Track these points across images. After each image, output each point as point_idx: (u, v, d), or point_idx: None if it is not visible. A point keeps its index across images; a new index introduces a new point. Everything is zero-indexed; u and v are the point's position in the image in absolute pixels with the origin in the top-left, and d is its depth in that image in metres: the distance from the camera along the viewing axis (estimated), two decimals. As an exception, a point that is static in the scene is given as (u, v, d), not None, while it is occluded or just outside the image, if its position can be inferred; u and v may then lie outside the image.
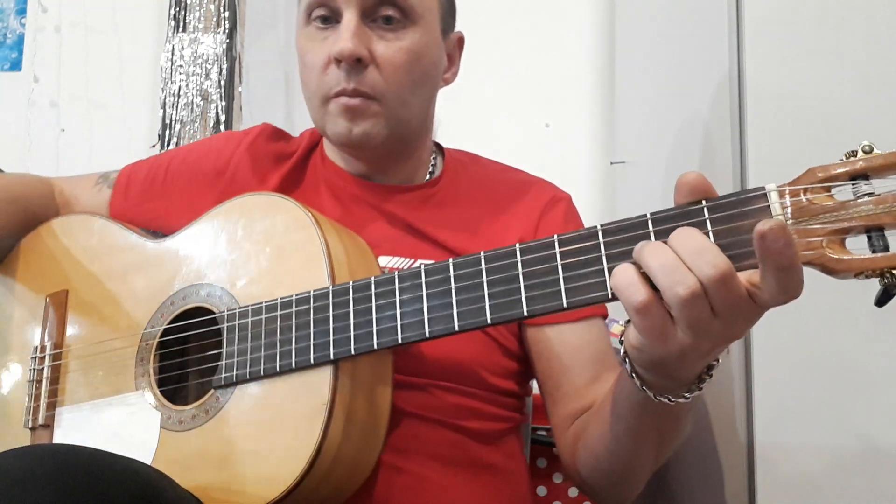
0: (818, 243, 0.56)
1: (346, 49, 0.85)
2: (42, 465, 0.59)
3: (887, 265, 0.54)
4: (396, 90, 0.89)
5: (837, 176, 0.56)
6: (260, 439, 0.74)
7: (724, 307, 0.56)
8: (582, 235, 0.63)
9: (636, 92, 1.67)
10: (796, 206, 0.57)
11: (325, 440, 0.71)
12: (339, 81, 0.87)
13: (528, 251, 0.66)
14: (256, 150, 1.02)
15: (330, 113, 0.90)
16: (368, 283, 0.74)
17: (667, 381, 0.63)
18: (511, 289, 0.66)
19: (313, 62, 0.90)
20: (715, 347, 0.59)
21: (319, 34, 0.90)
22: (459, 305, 0.69)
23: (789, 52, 1.02)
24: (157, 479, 0.67)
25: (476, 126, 1.69)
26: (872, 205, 0.54)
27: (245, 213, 0.85)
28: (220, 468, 0.75)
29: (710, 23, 1.15)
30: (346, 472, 0.76)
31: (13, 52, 2.11)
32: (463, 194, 0.98)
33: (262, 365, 0.76)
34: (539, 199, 0.97)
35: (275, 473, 0.72)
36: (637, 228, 0.61)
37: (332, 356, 0.73)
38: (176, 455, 0.78)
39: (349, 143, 0.91)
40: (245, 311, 0.79)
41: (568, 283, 0.63)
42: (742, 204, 0.58)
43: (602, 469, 0.81)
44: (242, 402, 0.77)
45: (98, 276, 0.94)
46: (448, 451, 0.86)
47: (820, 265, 0.56)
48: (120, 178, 1.06)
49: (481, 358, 0.88)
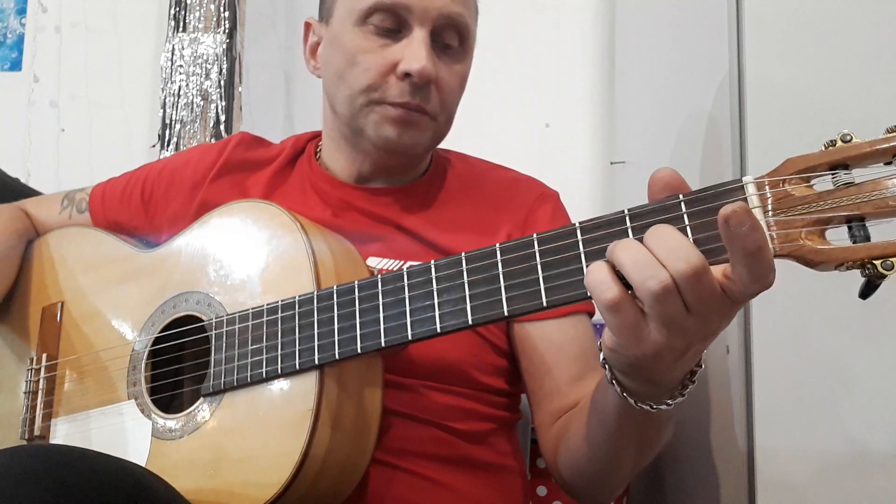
0: (797, 234, 0.54)
1: (426, 70, 0.86)
2: (35, 464, 0.59)
3: (867, 255, 0.52)
4: (449, 112, 0.93)
5: (816, 166, 0.55)
6: (248, 446, 0.75)
7: (697, 302, 0.55)
8: (560, 234, 0.63)
9: (636, 92, 1.67)
10: (775, 197, 0.55)
11: (312, 446, 0.71)
12: (403, 94, 0.87)
13: (508, 251, 0.65)
14: (233, 160, 1.02)
15: (375, 113, 0.89)
16: (352, 287, 0.74)
17: (647, 387, 0.63)
18: (492, 289, 0.66)
19: (369, 66, 0.88)
20: (690, 346, 0.58)
21: (378, 39, 0.89)
22: (441, 307, 0.68)
23: (789, 51, 1.02)
24: (148, 479, 0.67)
25: (476, 126, 1.68)
26: (852, 194, 0.53)
27: (232, 220, 0.86)
28: (210, 475, 0.75)
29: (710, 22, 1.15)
30: (337, 476, 0.76)
31: (13, 52, 2.10)
32: (452, 193, 0.98)
33: (248, 371, 0.76)
34: (527, 196, 0.98)
35: (263, 480, 0.72)
36: (614, 225, 0.60)
37: (317, 361, 0.73)
38: (167, 463, 0.78)
39: (392, 148, 0.91)
40: (232, 318, 0.79)
41: (547, 283, 0.63)
42: (719, 197, 0.56)
43: (582, 470, 0.81)
44: (230, 409, 0.77)
45: (91, 287, 0.95)
46: (440, 449, 0.86)
47: (799, 257, 0.54)
48: (94, 197, 1.07)
49: (471, 357, 0.89)
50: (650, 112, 1.55)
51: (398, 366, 0.84)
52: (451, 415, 0.87)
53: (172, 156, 1.14)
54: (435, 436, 0.86)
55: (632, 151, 1.67)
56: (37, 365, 0.94)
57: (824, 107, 1.00)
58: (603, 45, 1.86)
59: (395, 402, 0.83)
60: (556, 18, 1.89)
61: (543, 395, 0.90)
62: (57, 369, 0.93)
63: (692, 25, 1.29)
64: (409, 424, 0.85)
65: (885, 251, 0.52)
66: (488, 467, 0.90)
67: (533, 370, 0.90)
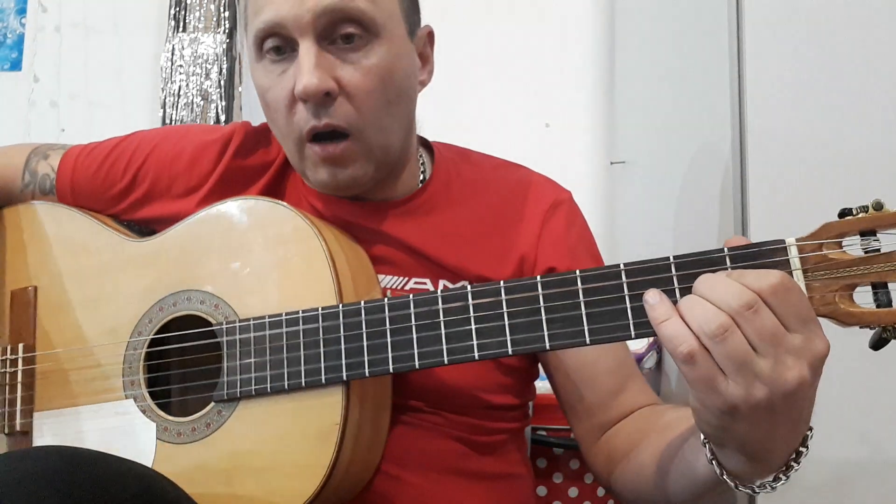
0: (832, 297, 0.60)
1: (310, 86, 0.76)
2: (46, 467, 0.59)
3: (892, 321, 0.59)
4: (373, 119, 0.81)
5: (850, 231, 0.61)
6: (267, 455, 0.74)
7: (758, 338, 0.55)
8: (605, 274, 0.65)
9: (636, 92, 1.67)
10: (813, 260, 0.60)
11: (339, 459, 0.72)
12: (308, 120, 0.79)
13: (549, 285, 0.67)
14: (232, 170, 0.93)
15: (308, 159, 0.82)
16: (382, 305, 0.73)
17: (745, 463, 0.61)
18: (533, 322, 0.67)
19: (276, 101, 0.81)
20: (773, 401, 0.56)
21: (276, 68, 0.80)
22: (479, 336, 0.69)
23: (789, 52, 1.02)
24: (158, 481, 0.67)
25: (476, 126, 1.68)
26: (882, 262, 0.59)
27: (238, 218, 0.82)
28: (225, 483, 0.75)
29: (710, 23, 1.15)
30: (350, 486, 0.77)
31: (13, 52, 2.10)
32: (456, 202, 0.91)
33: (268, 382, 0.75)
34: (538, 205, 0.92)
35: (286, 490, 0.72)
36: (660, 271, 0.63)
37: (345, 377, 0.73)
38: (176, 467, 0.77)
39: (334, 188, 0.85)
40: (247, 324, 0.77)
41: (591, 322, 0.65)
42: (763, 255, 0.61)
43: (643, 499, 0.80)
44: (247, 417, 0.76)
45: (70, 274, 0.89)
46: (451, 462, 0.85)
47: (834, 317, 0.61)
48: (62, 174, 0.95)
49: (478, 381, 0.86)
50: (650, 112, 1.55)
51: (406, 391, 0.82)
52: (462, 429, 0.85)
53: (164, 133, 0.98)
54: (447, 447, 0.85)
55: (632, 151, 1.67)
56: (13, 355, 0.88)
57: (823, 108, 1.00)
58: (603, 45, 1.86)
59: (405, 416, 0.83)
60: (557, 18, 1.88)
61: (584, 410, 0.88)
62: (35, 362, 0.88)
63: (692, 26, 1.29)
64: (419, 436, 0.84)
65: None
66: (502, 478, 0.89)
67: (570, 386, 0.89)
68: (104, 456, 0.64)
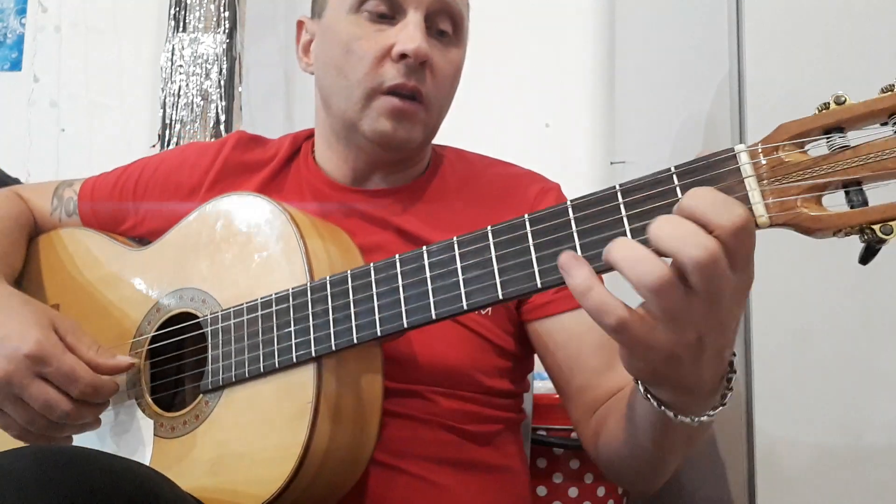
0: (793, 203, 0.52)
1: (421, 48, 0.85)
2: (41, 466, 0.59)
3: (866, 220, 0.50)
4: (441, 100, 0.92)
5: (810, 130, 0.53)
6: (249, 441, 0.74)
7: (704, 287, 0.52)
8: (552, 213, 0.61)
9: (636, 92, 1.67)
10: (769, 165, 0.53)
11: (313, 439, 0.71)
12: (397, 76, 0.86)
13: (499, 233, 0.64)
14: (231, 163, 1.00)
15: (373, 109, 0.88)
16: (345, 276, 0.73)
17: (681, 396, 0.61)
18: (485, 273, 0.64)
19: (364, 53, 0.88)
20: (703, 336, 0.55)
21: (372, 26, 0.88)
22: (435, 294, 0.67)
23: (789, 52, 1.02)
24: (155, 479, 0.67)
25: (476, 126, 1.69)
26: (849, 158, 0.51)
27: (221, 214, 0.85)
28: (213, 472, 0.75)
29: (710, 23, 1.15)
30: (338, 469, 0.76)
31: (13, 52, 2.11)
32: (451, 192, 0.97)
33: (246, 367, 0.76)
34: (528, 192, 0.96)
35: (266, 475, 0.72)
36: (607, 201, 0.58)
37: (314, 353, 0.73)
38: (170, 462, 0.78)
39: (387, 142, 0.90)
40: (227, 313, 0.79)
41: (541, 264, 0.61)
42: (712, 167, 0.55)
43: (626, 467, 0.80)
44: (230, 405, 0.77)
45: (86, 288, 0.94)
46: (446, 452, 0.85)
47: (796, 225, 0.53)
48: (83, 194, 1.05)
49: (474, 361, 0.88)
50: (650, 112, 1.55)
51: (401, 372, 0.83)
52: (457, 417, 0.86)
53: (167, 152, 1.10)
54: (441, 438, 0.85)
55: (632, 151, 1.67)
56: None
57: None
58: (603, 45, 1.87)
59: (399, 406, 0.83)
60: (557, 18, 1.89)
61: (574, 391, 0.88)
62: None
63: (692, 25, 1.29)
64: (415, 426, 0.84)
65: (883, 215, 0.50)
66: (496, 470, 0.89)
67: (558, 366, 0.89)
68: (100, 454, 0.64)
